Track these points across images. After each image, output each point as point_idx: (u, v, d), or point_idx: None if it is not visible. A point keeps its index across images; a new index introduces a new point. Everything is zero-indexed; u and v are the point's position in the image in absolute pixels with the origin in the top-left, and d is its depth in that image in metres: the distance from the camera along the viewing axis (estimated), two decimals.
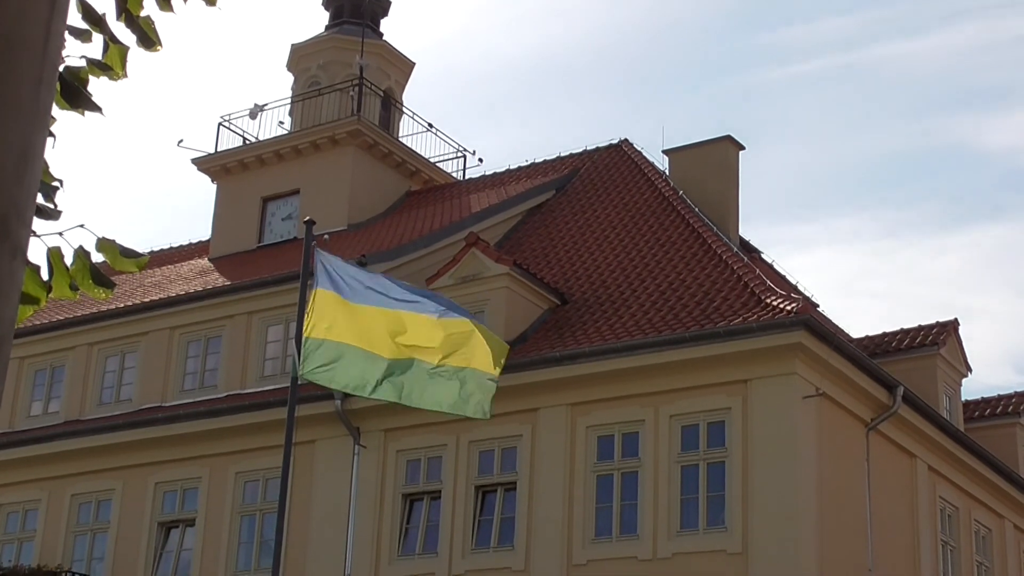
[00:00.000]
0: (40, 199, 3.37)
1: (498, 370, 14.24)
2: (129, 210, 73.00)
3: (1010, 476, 28.30)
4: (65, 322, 30.40)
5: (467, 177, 35.47)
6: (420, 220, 30.83)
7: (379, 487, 24.78)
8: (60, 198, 3.54)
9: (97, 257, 3.54)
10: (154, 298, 29.74)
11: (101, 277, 3.45)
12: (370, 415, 24.94)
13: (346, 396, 24.68)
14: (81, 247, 3.44)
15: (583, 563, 22.56)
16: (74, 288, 3.47)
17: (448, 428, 24.22)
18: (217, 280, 30.06)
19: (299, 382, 15.27)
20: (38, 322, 31.02)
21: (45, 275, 3.40)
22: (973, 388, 74.27)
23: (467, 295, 25.37)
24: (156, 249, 37.44)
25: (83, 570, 27.42)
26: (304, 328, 14.79)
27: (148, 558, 27.03)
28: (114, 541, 27.57)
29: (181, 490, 27.13)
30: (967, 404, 31.34)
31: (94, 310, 30.43)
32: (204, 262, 33.35)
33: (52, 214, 3.49)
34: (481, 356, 14.25)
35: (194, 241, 37.10)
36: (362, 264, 25.71)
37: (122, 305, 29.98)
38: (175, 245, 37.51)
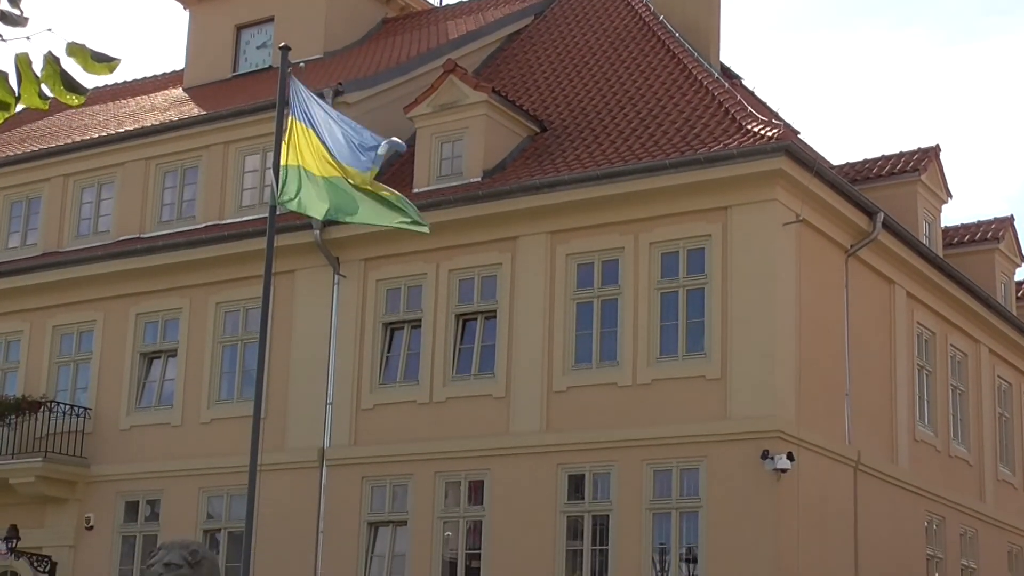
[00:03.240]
0: (5, 3, 3.23)
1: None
2: (100, 39, 71.87)
3: (987, 301, 28.51)
4: (40, 153, 30.10)
5: (444, 3, 34.91)
6: (397, 48, 30.41)
7: (359, 316, 24.85)
8: (27, 5, 3.39)
9: (68, 63, 3.40)
10: (129, 128, 29.41)
11: (72, 82, 3.33)
12: (349, 244, 24.90)
13: (325, 225, 24.64)
14: (50, 52, 3.31)
15: (563, 390, 22.75)
16: (44, 97, 3.35)
17: (428, 257, 24.23)
18: (192, 110, 29.71)
19: (278, 211, 15.19)
20: (11, 153, 30.73)
21: (14, 82, 3.28)
22: (953, 214, 74.70)
23: (445, 123, 25.19)
24: (129, 80, 36.94)
25: (67, 400, 27.60)
26: (281, 156, 14.69)
27: (131, 388, 27.20)
28: (97, 371, 27.70)
29: (162, 321, 27.18)
30: (947, 230, 31.44)
31: (69, 141, 30.12)
32: (179, 92, 32.92)
33: (19, 20, 3.35)
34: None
35: (168, 71, 36.57)
36: (339, 92, 25.47)
37: (96, 136, 29.66)
38: (148, 75, 36.98)
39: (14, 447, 27.15)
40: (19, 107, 3.47)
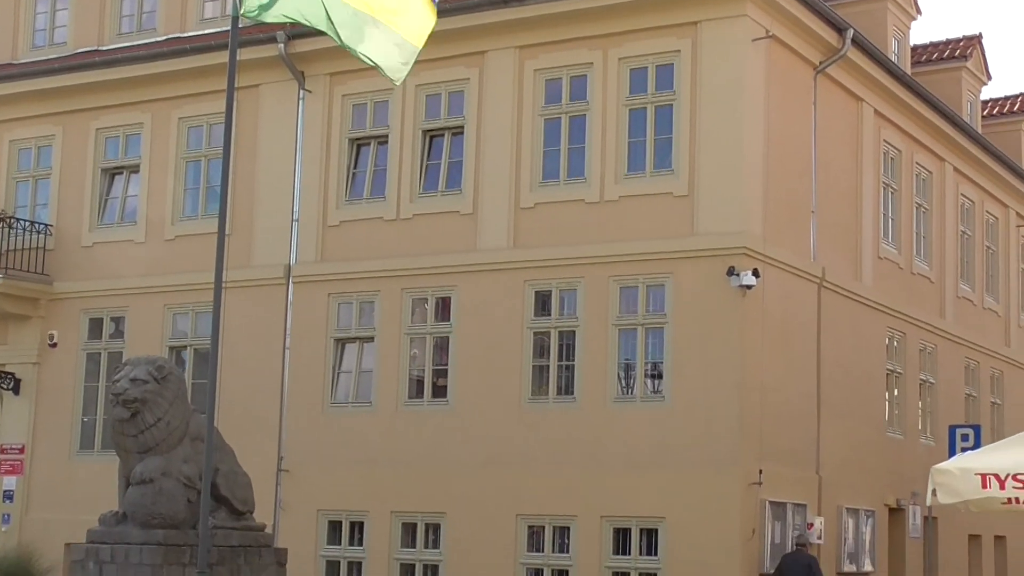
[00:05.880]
0: None
1: (421, 44, 14.06)
2: None
3: (953, 119, 28.43)
4: None
5: None
6: None
7: (325, 132, 24.56)
8: None
9: None
10: None
11: None
12: (315, 59, 24.48)
13: (289, 39, 24.21)
14: None
15: (530, 206, 22.67)
16: None
17: None
18: None
19: (241, 23, 14.84)
20: None
21: None
22: (922, 32, 73.91)
23: None
24: None
25: (27, 216, 27.29)
26: None
27: (93, 205, 26.91)
28: (57, 188, 27.37)
29: (123, 136, 26.77)
30: (915, 48, 31.18)
31: None
32: None
33: None
34: (412, 24, 14.03)
35: None
36: None
37: None
38: None
39: None
40: None
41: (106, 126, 26.90)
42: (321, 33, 22.12)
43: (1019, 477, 15.30)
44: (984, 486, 15.53)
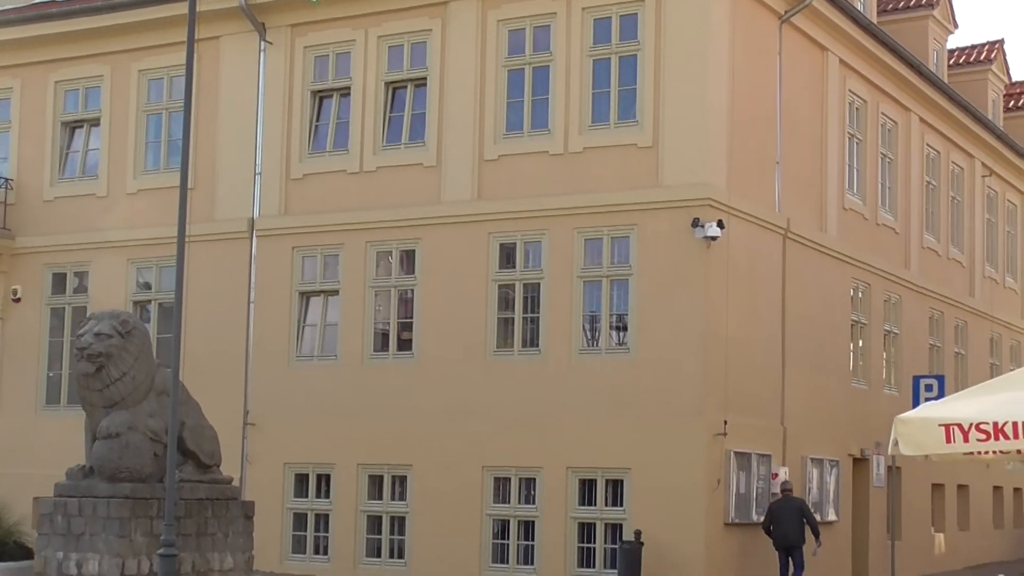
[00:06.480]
0: None
1: None
2: None
3: (919, 69, 28.40)
4: None
5: None
6: None
7: (287, 84, 24.38)
8: None
9: None
10: None
11: None
12: (275, 10, 24.29)
13: None
14: None
15: (494, 158, 22.59)
16: None
17: (356, 23, 23.71)
18: None
19: None
20: None
21: None
22: None
23: None
24: None
25: None
26: None
27: (54, 158, 26.69)
28: (16, 141, 27.12)
29: (83, 89, 26.51)
30: None
31: None
32: None
33: None
34: None
35: None
36: None
37: None
38: None
39: None
40: None
41: (65, 79, 26.65)
42: None
43: (982, 427, 15.32)
44: (948, 439, 15.51)
